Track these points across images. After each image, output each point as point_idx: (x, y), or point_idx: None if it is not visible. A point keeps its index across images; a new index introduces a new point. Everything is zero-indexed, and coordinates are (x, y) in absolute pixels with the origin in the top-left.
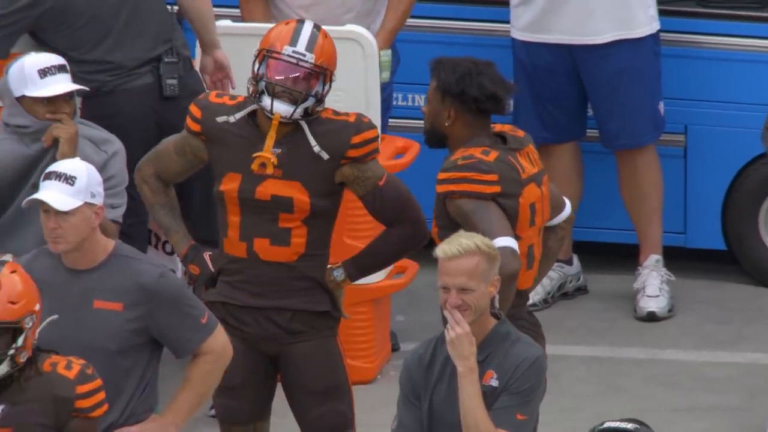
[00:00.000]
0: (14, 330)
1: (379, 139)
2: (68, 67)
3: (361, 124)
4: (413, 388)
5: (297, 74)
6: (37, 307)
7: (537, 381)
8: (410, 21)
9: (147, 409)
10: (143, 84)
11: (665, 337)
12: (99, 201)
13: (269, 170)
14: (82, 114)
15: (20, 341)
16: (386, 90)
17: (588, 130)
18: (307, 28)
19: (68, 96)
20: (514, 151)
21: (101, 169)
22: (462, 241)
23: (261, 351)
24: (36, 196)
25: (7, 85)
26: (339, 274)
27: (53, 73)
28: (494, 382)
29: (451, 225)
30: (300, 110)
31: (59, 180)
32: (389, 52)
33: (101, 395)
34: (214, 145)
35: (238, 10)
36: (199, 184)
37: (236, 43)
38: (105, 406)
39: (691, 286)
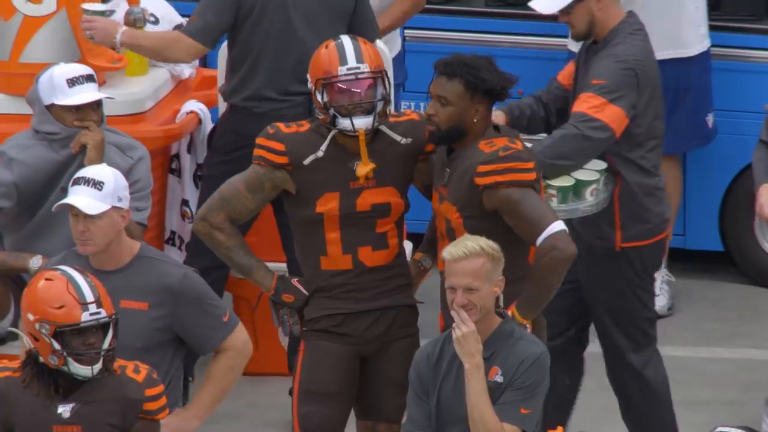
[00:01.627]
0: (112, 327)
1: None
2: (95, 77)
3: (424, 120)
4: (422, 384)
5: (360, 87)
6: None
7: (540, 377)
8: (422, 33)
9: (171, 403)
10: (295, 113)
11: (665, 334)
12: (125, 205)
13: (371, 176)
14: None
15: (112, 337)
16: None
17: None
18: (348, 43)
19: (95, 104)
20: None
21: (127, 173)
22: (468, 243)
23: (361, 355)
24: (66, 200)
25: (37, 94)
26: (427, 262)
27: (81, 83)
28: (499, 378)
29: (481, 214)
30: (376, 117)
31: (88, 185)
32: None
33: (164, 400)
34: (303, 173)
35: None
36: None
37: None
38: (167, 411)
39: (689, 285)
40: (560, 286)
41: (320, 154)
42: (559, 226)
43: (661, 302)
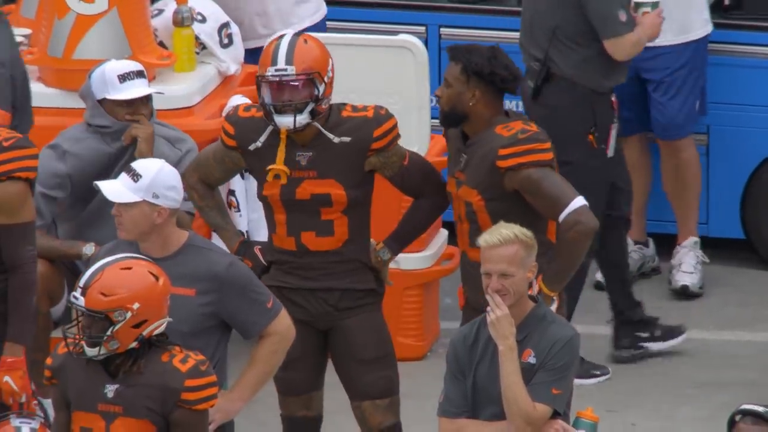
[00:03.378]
0: (107, 319)
1: (429, 137)
2: (145, 73)
3: (379, 117)
4: (459, 365)
5: (284, 89)
6: (136, 306)
7: (571, 358)
8: (457, 32)
9: (217, 386)
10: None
11: (690, 317)
12: (163, 203)
13: (283, 180)
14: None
15: (109, 331)
16: None
17: None
18: (284, 43)
19: (145, 99)
20: None
21: (176, 164)
22: (502, 231)
23: (314, 327)
24: (99, 183)
25: (90, 89)
26: (384, 254)
27: (132, 78)
28: (532, 360)
29: (502, 195)
30: (303, 117)
31: (128, 174)
32: None
33: (211, 391)
34: (251, 157)
35: None
36: None
37: None
38: (213, 401)
39: (713, 271)
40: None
41: (259, 144)
42: (580, 201)
43: (694, 279)
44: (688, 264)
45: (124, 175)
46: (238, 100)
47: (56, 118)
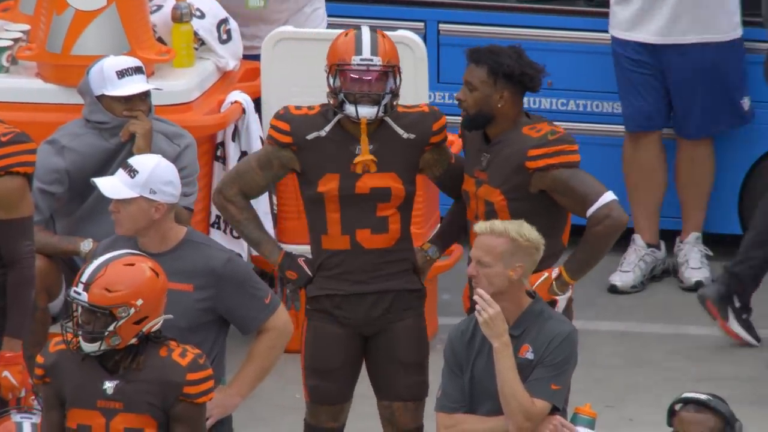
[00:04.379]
0: (109, 315)
1: None
2: (144, 69)
3: (435, 112)
4: (456, 360)
5: (370, 78)
6: (139, 302)
7: (569, 354)
8: (456, 27)
9: (215, 380)
10: None
11: (688, 313)
12: (160, 198)
13: (372, 169)
14: None
15: (111, 327)
16: None
17: None
18: (366, 34)
19: (144, 95)
20: None
21: (174, 160)
22: (496, 222)
23: (361, 335)
24: (95, 179)
25: (88, 85)
26: (434, 252)
27: (130, 74)
28: (530, 356)
29: (526, 196)
30: (382, 108)
31: (125, 170)
32: None
33: (209, 384)
34: (307, 153)
35: None
36: None
37: (299, 48)
38: (211, 395)
39: (711, 267)
40: None
41: (323, 133)
42: (610, 196)
43: (705, 274)
44: (695, 260)
45: (120, 171)
46: (236, 95)
47: (54, 114)
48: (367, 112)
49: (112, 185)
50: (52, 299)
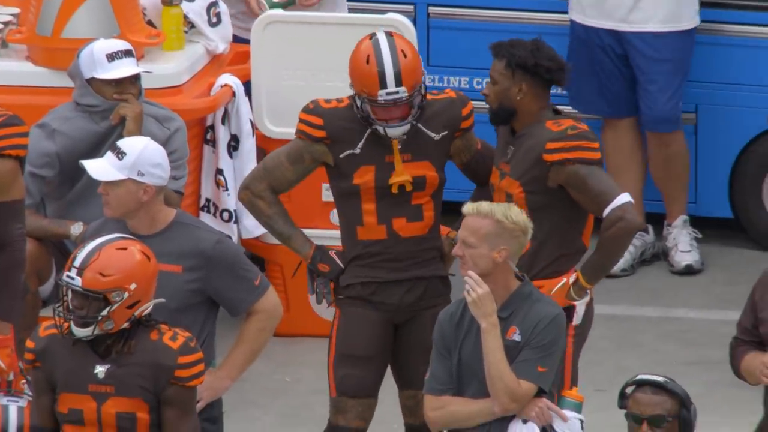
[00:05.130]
0: (103, 299)
1: None
2: (134, 52)
3: (463, 97)
4: (444, 343)
5: (399, 108)
6: (133, 286)
7: (556, 336)
8: (445, 10)
9: (205, 363)
10: None
11: (678, 297)
12: (149, 180)
13: (408, 189)
14: None
15: (105, 312)
16: None
17: None
18: (389, 64)
19: (134, 78)
20: None
21: (164, 143)
22: (482, 204)
23: (394, 322)
24: (84, 161)
25: (78, 68)
26: None
27: (120, 57)
28: (517, 337)
29: (544, 190)
30: (411, 120)
31: (113, 152)
32: None
33: (200, 367)
34: (340, 146)
35: None
36: None
37: (289, 31)
38: (202, 378)
39: (701, 250)
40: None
41: (357, 151)
42: (625, 198)
43: (695, 257)
44: (684, 243)
45: (109, 154)
46: (226, 78)
47: (45, 97)
48: (397, 132)
49: (100, 167)
50: (43, 283)
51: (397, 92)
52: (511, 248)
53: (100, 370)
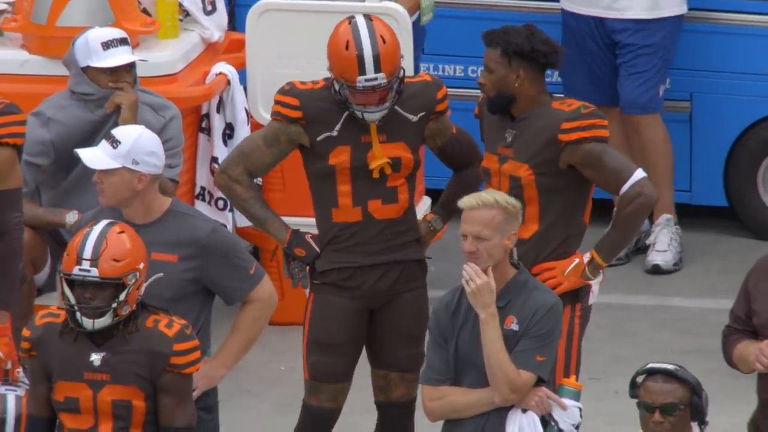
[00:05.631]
0: (117, 285)
1: None
2: (129, 40)
3: (438, 82)
4: (441, 333)
5: (377, 94)
6: (141, 265)
7: (554, 325)
8: None
9: (201, 351)
10: None
11: (673, 285)
12: (143, 169)
13: (387, 172)
14: None
15: (122, 296)
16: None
17: None
18: (368, 48)
19: (129, 66)
20: None
21: (159, 132)
22: (483, 195)
23: (368, 307)
24: (78, 150)
25: (74, 57)
26: (438, 223)
27: (115, 46)
28: (514, 327)
29: (555, 171)
30: (389, 105)
31: (107, 141)
32: None
33: (196, 354)
34: (316, 127)
35: None
36: None
37: (284, 19)
38: (198, 365)
39: (695, 239)
40: None
41: (334, 133)
42: (641, 173)
43: (666, 258)
44: (661, 242)
45: (104, 142)
46: (221, 67)
47: (40, 85)
48: (374, 117)
49: (94, 156)
50: (38, 271)
51: (376, 78)
52: (516, 231)
53: (96, 357)
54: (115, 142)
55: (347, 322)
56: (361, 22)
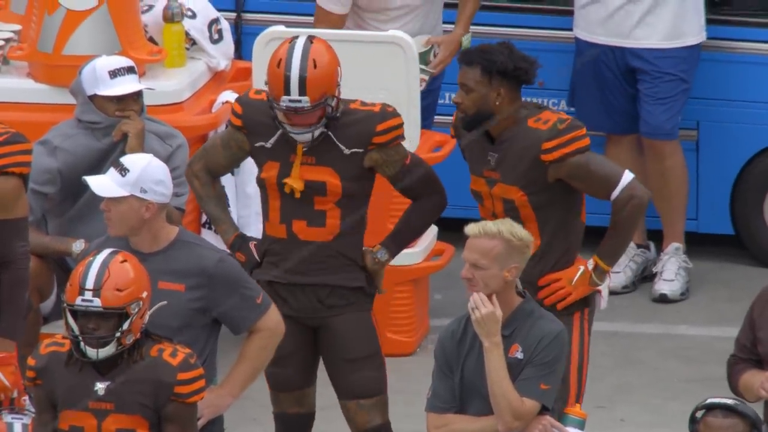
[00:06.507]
0: (120, 315)
1: (419, 133)
2: (136, 69)
3: (385, 113)
4: (446, 361)
5: (300, 117)
6: (144, 294)
7: (559, 353)
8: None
9: (206, 380)
10: None
11: (679, 314)
12: (152, 197)
13: (297, 196)
14: None
15: (126, 325)
16: (435, 83)
17: None
18: (296, 70)
19: (136, 95)
20: None
21: (166, 160)
22: (488, 224)
23: (304, 324)
24: (87, 177)
25: (81, 85)
26: (383, 255)
27: (122, 74)
28: (519, 355)
29: (545, 188)
30: (318, 131)
31: (116, 169)
32: (470, 35)
33: (200, 383)
34: (255, 137)
35: (290, 16)
36: None
37: None
38: (202, 394)
39: (702, 268)
40: None
41: (268, 145)
42: (630, 175)
43: (674, 287)
44: (669, 271)
45: (112, 170)
46: (227, 95)
47: (46, 114)
48: (301, 138)
49: (103, 184)
50: (44, 299)
51: (300, 101)
52: (519, 265)
53: (100, 387)
54: (123, 170)
55: (288, 332)
56: (299, 43)
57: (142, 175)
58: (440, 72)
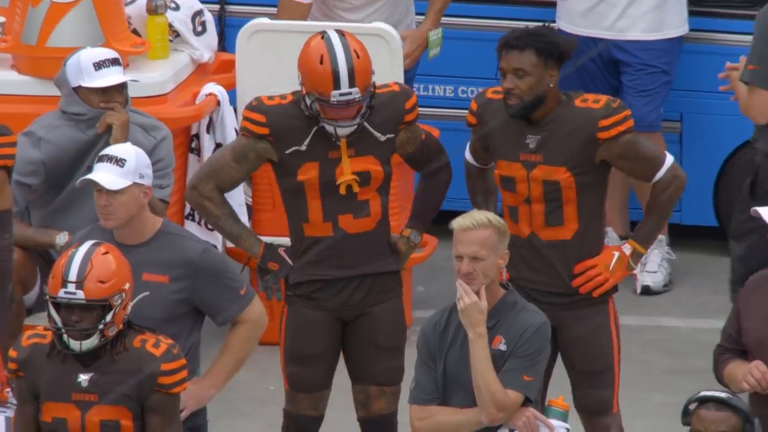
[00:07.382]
0: (103, 307)
1: None
2: (120, 60)
3: (406, 90)
4: (429, 352)
5: (350, 109)
6: (127, 286)
7: (542, 345)
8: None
9: (190, 372)
10: None
11: (661, 306)
12: (147, 182)
13: (355, 189)
14: None
15: (109, 317)
16: (406, 76)
17: None
18: (342, 63)
19: (120, 87)
20: None
21: (150, 152)
22: (475, 215)
23: (342, 319)
24: (89, 176)
25: (65, 77)
26: (416, 236)
27: (107, 66)
28: (503, 347)
29: (591, 169)
30: (359, 120)
31: (111, 162)
32: (439, 30)
33: (183, 374)
34: (285, 143)
35: (274, 9)
36: None
37: (273, 40)
38: (185, 384)
39: (685, 259)
40: None
41: (303, 148)
42: (671, 157)
43: (657, 279)
44: (652, 263)
45: (107, 165)
46: (211, 87)
47: (30, 105)
48: (345, 131)
49: (108, 179)
50: (27, 291)
51: (350, 93)
52: (507, 251)
53: (83, 378)
54: (119, 162)
55: (321, 333)
56: (334, 36)
57: (137, 161)
58: (411, 66)
